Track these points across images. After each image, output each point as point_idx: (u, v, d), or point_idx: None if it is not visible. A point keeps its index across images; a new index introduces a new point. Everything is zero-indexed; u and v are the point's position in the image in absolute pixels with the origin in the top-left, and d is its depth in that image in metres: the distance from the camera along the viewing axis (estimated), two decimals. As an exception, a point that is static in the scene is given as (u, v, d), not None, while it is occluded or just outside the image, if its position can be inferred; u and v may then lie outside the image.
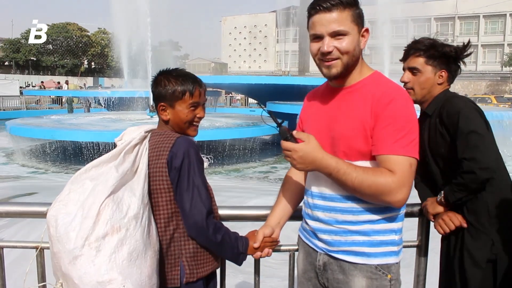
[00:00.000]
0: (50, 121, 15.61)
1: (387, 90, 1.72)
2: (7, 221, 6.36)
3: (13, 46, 61.88)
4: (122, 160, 1.84)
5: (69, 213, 1.70)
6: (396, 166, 1.64)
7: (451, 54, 2.36)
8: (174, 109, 1.98)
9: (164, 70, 2.06)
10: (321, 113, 1.89)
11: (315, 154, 1.67)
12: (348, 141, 1.74)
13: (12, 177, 11.29)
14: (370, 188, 1.65)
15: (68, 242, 1.65)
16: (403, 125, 1.67)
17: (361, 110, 1.73)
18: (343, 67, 1.75)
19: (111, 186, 1.73)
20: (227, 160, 13.45)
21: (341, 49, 1.72)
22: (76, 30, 66.35)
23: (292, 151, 1.68)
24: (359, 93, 1.77)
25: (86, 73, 67.67)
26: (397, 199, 1.66)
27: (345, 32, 1.70)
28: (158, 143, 1.93)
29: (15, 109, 29.64)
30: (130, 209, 1.75)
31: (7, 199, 8.68)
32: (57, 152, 14.57)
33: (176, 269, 1.92)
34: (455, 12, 61.21)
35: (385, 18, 25.02)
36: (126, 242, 1.70)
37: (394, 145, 1.65)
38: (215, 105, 32.64)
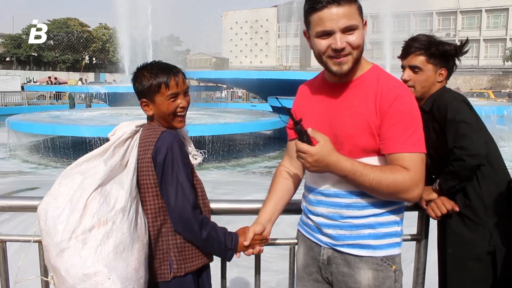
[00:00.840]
0: (49, 116, 15.62)
1: (391, 86, 1.70)
2: (9, 215, 6.40)
3: (14, 41, 61.96)
4: (111, 154, 1.85)
5: (58, 206, 1.72)
6: (410, 163, 1.66)
7: (451, 53, 2.37)
8: (155, 104, 1.96)
9: (141, 65, 2.04)
10: (320, 109, 1.84)
11: (330, 158, 1.65)
12: (353, 139, 1.72)
13: (14, 172, 11.31)
14: (388, 188, 1.66)
15: (56, 235, 1.67)
16: (411, 121, 1.67)
17: (364, 107, 1.70)
18: (354, 62, 1.70)
19: (99, 180, 1.74)
20: (231, 155, 13.47)
21: (353, 44, 1.66)
22: (77, 26, 66.32)
23: (307, 153, 1.65)
24: (360, 88, 1.74)
25: (87, 68, 67.70)
26: (415, 195, 1.69)
27: (356, 26, 1.65)
28: (145, 138, 1.94)
29: (16, 105, 29.68)
30: (118, 202, 1.76)
31: (9, 193, 8.72)
32: (59, 147, 14.59)
33: (166, 263, 1.93)
34: (457, 6, 61.00)
35: (386, 12, 24.96)
36: (112, 235, 1.71)
37: (405, 143, 1.66)
38: (225, 100, 32.62)
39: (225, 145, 13.62)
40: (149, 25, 19.86)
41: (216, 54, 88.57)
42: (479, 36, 60.59)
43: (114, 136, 1.96)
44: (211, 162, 12.43)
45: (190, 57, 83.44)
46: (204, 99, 34.41)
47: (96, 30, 67.52)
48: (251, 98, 34.03)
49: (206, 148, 13.15)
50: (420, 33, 2.46)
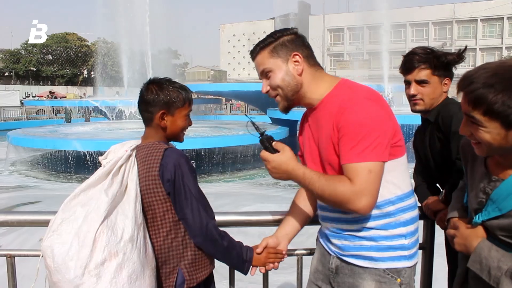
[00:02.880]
0: (45, 131, 15.66)
1: (342, 102, 1.72)
2: (7, 228, 6.39)
3: (13, 57, 62.07)
4: (110, 183, 1.85)
5: (64, 242, 1.72)
6: (353, 174, 1.63)
7: (454, 62, 2.40)
8: (173, 117, 2.03)
9: (156, 78, 2.10)
10: (308, 135, 1.93)
11: (287, 165, 1.72)
12: (327, 157, 1.77)
13: (16, 187, 11.30)
14: (330, 197, 1.66)
15: (67, 272, 1.68)
16: (356, 132, 1.64)
17: (327, 126, 1.75)
18: (285, 100, 1.84)
19: (104, 212, 1.75)
20: (238, 166, 13.49)
21: (272, 86, 1.83)
22: (75, 40, 66.56)
23: (266, 160, 1.75)
24: (325, 110, 1.79)
25: (85, 82, 67.79)
26: (358, 207, 1.62)
27: (268, 69, 1.81)
28: (147, 156, 1.96)
29: (16, 120, 29.70)
30: (125, 232, 1.78)
31: (10, 208, 8.72)
32: (60, 161, 14.59)
33: (173, 276, 1.95)
34: (452, 16, 61.43)
35: (383, 23, 25.13)
36: (124, 266, 1.73)
37: (348, 153, 1.64)
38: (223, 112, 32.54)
39: (229, 157, 13.67)
40: (148, 39, 19.96)
41: (214, 67, 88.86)
42: (475, 45, 60.91)
43: (106, 160, 1.97)
44: (216, 174, 12.47)
45: (188, 70, 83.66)
46: (203, 112, 34.46)
47: (94, 44, 67.73)
48: (250, 110, 34.08)
49: (213, 160, 13.24)
50: (418, 46, 2.47)
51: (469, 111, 1.44)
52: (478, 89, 1.39)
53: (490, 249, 1.46)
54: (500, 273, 1.40)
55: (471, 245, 1.52)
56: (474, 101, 1.40)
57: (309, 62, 1.83)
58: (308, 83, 1.82)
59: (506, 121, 1.37)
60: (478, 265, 1.48)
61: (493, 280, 1.42)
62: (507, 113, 1.35)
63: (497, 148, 1.44)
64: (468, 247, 1.54)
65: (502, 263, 1.42)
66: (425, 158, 2.55)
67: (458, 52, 2.41)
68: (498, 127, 1.39)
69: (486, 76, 1.39)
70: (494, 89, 1.36)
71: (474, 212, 1.57)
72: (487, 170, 1.58)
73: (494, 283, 1.41)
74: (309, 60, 1.83)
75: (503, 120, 1.37)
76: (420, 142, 2.57)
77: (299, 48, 1.81)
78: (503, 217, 1.45)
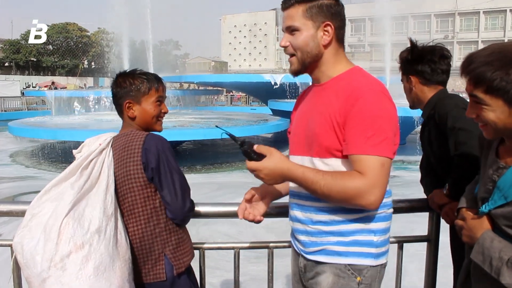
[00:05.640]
0: (43, 121, 15.64)
1: (358, 87, 1.63)
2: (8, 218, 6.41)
3: (13, 47, 61.92)
4: (78, 176, 1.86)
5: (33, 237, 1.73)
6: (366, 166, 1.55)
7: (407, 60, 2.50)
8: (140, 105, 2.05)
9: (124, 71, 2.14)
10: (302, 111, 1.85)
11: (281, 167, 1.62)
12: (318, 138, 1.68)
13: (17, 177, 11.33)
14: (339, 194, 1.57)
15: (35, 266, 1.69)
16: (373, 123, 1.57)
17: (331, 106, 1.66)
18: (299, 64, 1.73)
19: (69, 204, 1.75)
20: (231, 158, 13.49)
21: (293, 45, 1.72)
22: (76, 30, 66.35)
23: (257, 170, 1.63)
24: (332, 90, 1.70)
25: (86, 73, 67.68)
26: (369, 202, 1.55)
27: (296, 28, 1.69)
28: (126, 144, 1.97)
29: (16, 110, 29.69)
30: (92, 223, 1.77)
31: (14, 197, 8.75)
32: (62, 152, 14.61)
33: (161, 263, 1.97)
34: (455, 8, 61.15)
35: (385, 15, 25.01)
36: (91, 257, 1.72)
37: (364, 145, 1.56)
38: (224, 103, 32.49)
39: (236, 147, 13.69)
40: (149, 30, 19.86)
41: (215, 58, 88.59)
42: (478, 38, 60.69)
43: (80, 154, 1.99)
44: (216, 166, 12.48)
45: (189, 61, 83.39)
46: (203, 103, 34.44)
47: (95, 34, 67.56)
48: (251, 102, 34.05)
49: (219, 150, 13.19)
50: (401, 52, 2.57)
51: (471, 91, 1.45)
52: (477, 68, 1.41)
53: (493, 239, 1.44)
54: (501, 263, 1.38)
55: (476, 236, 1.50)
56: (475, 80, 1.42)
57: (337, 36, 1.74)
58: (329, 57, 1.74)
59: (508, 98, 1.37)
60: (481, 256, 1.46)
61: (494, 271, 1.40)
62: (507, 89, 1.36)
63: (503, 129, 1.44)
64: (473, 238, 1.52)
65: (503, 253, 1.39)
66: (427, 152, 2.57)
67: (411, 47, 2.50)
68: (501, 104, 1.40)
69: (485, 54, 1.42)
70: (492, 67, 1.38)
71: (481, 202, 1.55)
72: (497, 157, 1.56)
73: (495, 274, 1.39)
74: (338, 33, 1.74)
75: (504, 97, 1.38)
76: (422, 136, 2.58)
77: (334, 17, 1.71)
78: (508, 205, 1.42)
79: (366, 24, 60.08)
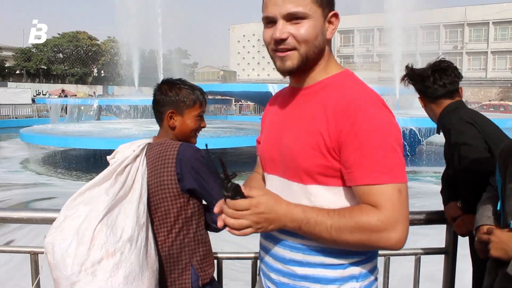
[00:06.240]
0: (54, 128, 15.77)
1: (354, 97, 1.31)
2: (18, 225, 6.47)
3: (24, 55, 62.63)
4: (113, 182, 1.86)
5: (65, 239, 1.73)
6: (382, 198, 1.24)
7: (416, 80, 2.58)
8: (183, 117, 2.05)
9: (169, 79, 2.13)
10: (276, 121, 1.51)
11: (279, 207, 1.27)
12: (295, 159, 1.36)
13: (29, 184, 11.39)
14: (353, 236, 1.25)
15: (65, 268, 1.69)
16: (380, 143, 1.26)
17: (317, 120, 1.34)
18: (300, 60, 1.36)
19: (103, 210, 1.76)
20: (242, 167, 13.52)
21: (297, 37, 1.33)
22: (86, 39, 66.97)
23: (251, 208, 1.23)
24: (318, 96, 1.38)
25: (95, 81, 68.21)
26: (394, 241, 1.24)
27: (303, 15, 1.32)
28: (160, 153, 1.97)
29: (27, 117, 29.97)
30: (124, 232, 1.77)
31: (26, 203, 8.80)
32: (74, 159, 14.70)
33: (187, 273, 1.97)
34: (464, 19, 61.03)
35: (394, 25, 25.02)
36: (121, 266, 1.72)
37: (375, 172, 1.25)
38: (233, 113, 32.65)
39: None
40: (159, 38, 20.03)
41: (224, 67, 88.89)
42: (487, 49, 60.48)
43: (114, 159, 1.99)
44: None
45: (198, 70, 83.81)
46: (212, 112, 34.54)
47: (104, 43, 68.13)
48: (261, 111, 34.10)
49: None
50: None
51: None
52: None
53: None
54: None
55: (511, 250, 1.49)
56: None
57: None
58: (325, 56, 1.43)
59: None
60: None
61: None
62: None
63: None
64: (508, 251, 1.51)
65: None
66: (448, 165, 2.59)
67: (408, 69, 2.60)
68: None
69: None
70: None
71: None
72: None
73: None
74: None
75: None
76: (444, 149, 2.61)
77: (334, 8, 1.41)
78: None
79: (375, 34, 60.09)
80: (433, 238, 2.82)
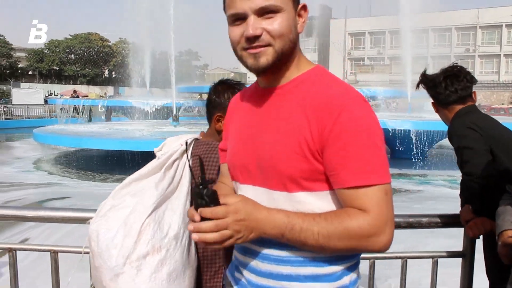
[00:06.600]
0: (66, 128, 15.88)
1: (332, 93, 1.24)
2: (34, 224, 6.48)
3: (37, 56, 63.29)
4: (162, 176, 1.84)
5: (110, 229, 1.72)
6: (368, 202, 1.19)
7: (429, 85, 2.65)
8: None
9: (226, 80, 2.12)
10: (245, 125, 1.40)
11: (259, 212, 1.19)
12: (276, 165, 1.26)
13: (42, 184, 11.50)
14: (342, 242, 1.19)
15: (109, 259, 1.68)
16: (365, 143, 1.20)
17: (296, 122, 1.25)
18: (276, 56, 1.26)
19: (152, 205, 1.74)
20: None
21: (272, 32, 1.24)
22: (98, 40, 67.48)
23: (229, 214, 1.13)
24: (294, 95, 1.30)
25: (106, 82, 68.67)
26: (382, 244, 1.21)
27: (276, 8, 1.24)
28: (206, 153, 1.96)
29: (39, 117, 30.28)
30: (171, 229, 1.76)
31: (40, 203, 8.88)
32: (85, 159, 14.80)
33: (219, 276, 1.95)
34: (476, 21, 60.55)
35: (405, 28, 24.91)
36: (166, 263, 1.72)
37: (361, 174, 1.19)
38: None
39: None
40: (171, 40, 20.07)
41: (234, 69, 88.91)
42: (500, 52, 59.92)
43: (161, 152, 1.97)
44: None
45: (208, 71, 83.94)
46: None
47: (116, 44, 68.58)
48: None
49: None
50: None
51: None
52: None
53: None
54: None
55: None
56: None
57: None
58: (297, 51, 1.35)
59: None
60: None
61: None
62: None
63: None
64: None
65: None
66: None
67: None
68: None
69: None
70: None
71: None
72: None
73: None
74: None
75: None
76: None
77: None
78: None
79: (386, 37, 59.81)
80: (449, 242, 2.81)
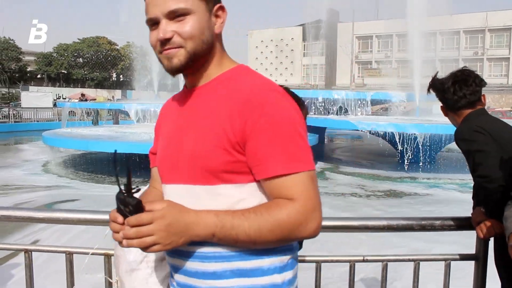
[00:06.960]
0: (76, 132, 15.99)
1: (255, 90, 1.27)
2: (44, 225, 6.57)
3: (45, 59, 63.86)
4: None
5: None
6: (294, 190, 1.21)
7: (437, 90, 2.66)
8: None
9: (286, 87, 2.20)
10: (171, 126, 1.41)
11: (187, 215, 1.18)
12: (199, 160, 1.26)
13: (51, 186, 11.59)
14: (273, 233, 1.19)
15: (129, 252, 1.68)
16: (288, 132, 1.23)
17: (217, 117, 1.27)
18: (188, 57, 1.28)
19: None
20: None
21: (182, 34, 1.27)
22: (106, 44, 67.97)
23: (154, 221, 1.12)
24: (216, 93, 1.32)
25: (114, 85, 69.10)
26: (312, 230, 1.23)
27: (186, 11, 1.26)
28: None
29: (47, 121, 30.52)
30: None
31: (50, 205, 8.94)
32: (94, 162, 14.88)
33: None
34: (485, 24, 60.30)
35: (413, 31, 24.87)
36: None
37: (287, 162, 1.21)
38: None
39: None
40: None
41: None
42: (509, 55, 59.63)
43: None
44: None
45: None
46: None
47: (124, 48, 69.03)
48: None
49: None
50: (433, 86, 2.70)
51: None
52: None
53: None
54: None
55: None
56: None
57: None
58: (217, 51, 1.36)
59: None
60: None
61: None
62: None
63: None
64: None
65: None
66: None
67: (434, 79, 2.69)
68: None
69: None
70: None
71: None
72: None
73: None
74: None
75: None
76: None
77: (220, 1, 1.36)
78: None
79: (394, 40, 59.70)
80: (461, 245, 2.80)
